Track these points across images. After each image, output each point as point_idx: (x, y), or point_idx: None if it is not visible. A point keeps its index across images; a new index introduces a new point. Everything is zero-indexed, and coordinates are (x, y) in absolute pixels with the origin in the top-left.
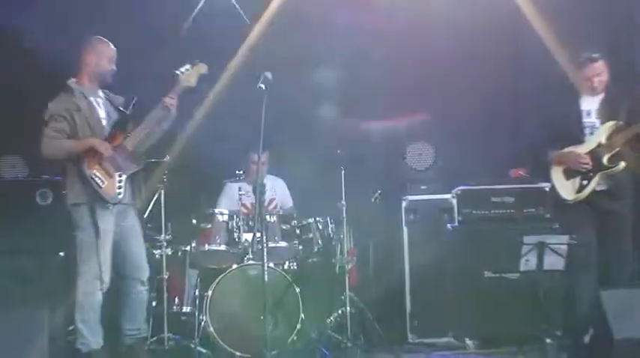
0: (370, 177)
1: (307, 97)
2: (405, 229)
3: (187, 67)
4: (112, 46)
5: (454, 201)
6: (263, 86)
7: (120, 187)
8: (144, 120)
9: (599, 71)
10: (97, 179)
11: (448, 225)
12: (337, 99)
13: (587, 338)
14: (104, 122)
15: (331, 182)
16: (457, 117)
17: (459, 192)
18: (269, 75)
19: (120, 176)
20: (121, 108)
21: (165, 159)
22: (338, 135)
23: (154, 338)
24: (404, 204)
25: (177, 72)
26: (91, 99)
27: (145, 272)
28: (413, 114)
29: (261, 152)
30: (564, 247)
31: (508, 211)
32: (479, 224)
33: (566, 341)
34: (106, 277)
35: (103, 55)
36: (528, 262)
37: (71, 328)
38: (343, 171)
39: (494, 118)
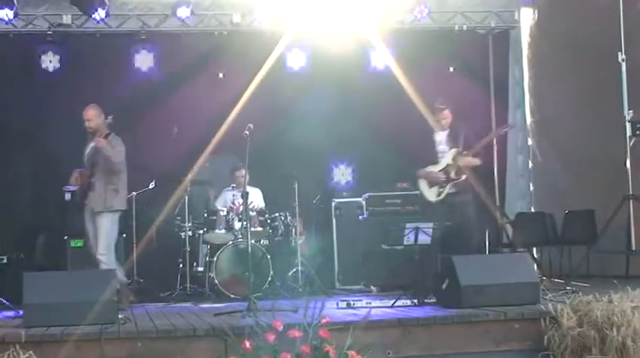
0: (313, 187)
1: (277, 140)
2: (333, 219)
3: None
4: (86, 112)
5: (364, 202)
6: (247, 132)
7: (83, 198)
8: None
9: (445, 116)
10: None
11: (360, 216)
12: (295, 140)
13: (444, 285)
14: (85, 159)
15: (290, 191)
16: (366, 150)
17: (367, 196)
18: (251, 126)
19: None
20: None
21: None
22: (293, 163)
23: (181, 287)
24: (333, 204)
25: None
26: (90, 144)
27: (95, 250)
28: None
29: (243, 170)
30: (430, 230)
31: (397, 208)
32: (379, 216)
33: (432, 286)
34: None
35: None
36: (409, 239)
37: (130, 281)
38: (296, 184)
39: (388, 151)
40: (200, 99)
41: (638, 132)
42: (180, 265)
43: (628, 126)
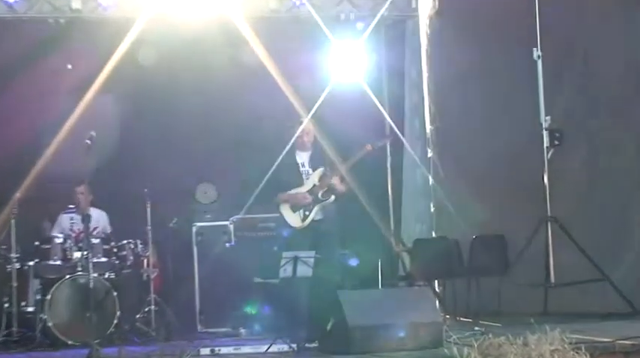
0: (169, 208)
1: (126, 150)
2: (194, 247)
3: None
4: None
5: (231, 227)
6: (89, 142)
7: None
8: None
9: (307, 131)
10: None
11: (227, 243)
12: (148, 150)
13: (329, 326)
14: None
15: (141, 213)
16: (235, 163)
17: (234, 219)
18: (94, 134)
19: None
20: None
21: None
22: (146, 178)
23: (7, 331)
24: (194, 229)
25: None
26: None
27: None
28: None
29: (83, 186)
30: (312, 260)
31: (271, 233)
32: (250, 243)
33: (314, 328)
34: None
35: None
36: (286, 271)
37: None
38: (149, 205)
39: (261, 164)
40: (34, 99)
41: (556, 142)
42: (6, 304)
43: (545, 134)
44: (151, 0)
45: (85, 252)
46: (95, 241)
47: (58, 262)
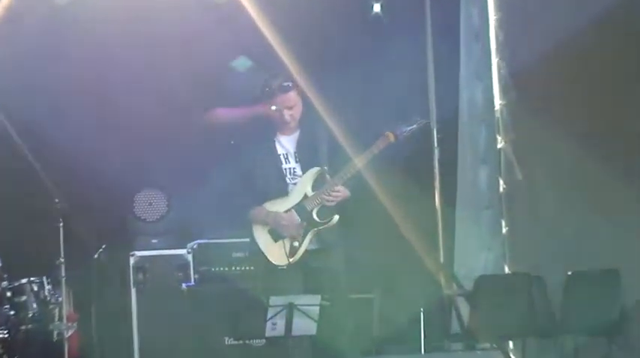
0: (93, 230)
1: (30, 137)
2: (133, 290)
3: None
4: None
5: (189, 257)
6: None
7: None
8: None
9: (292, 103)
10: None
11: (183, 284)
12: (64, 136)
13: None
14: None
15: (51, 236)
16: (196, 159)
17: (195, 246)
18: None
19: None
20: None
21: None
22: (56, 184)
23: None
24: (132, 260)
25: None
26: None
27: None
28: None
29: None
30: (316, 309)
31: (250, 268)
32: (218, 282)
33: None
34: None
35: None
36: (276, 327)
37: None
38: (62, 224)
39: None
40: None
41: None
42: None
43: None
44: None
45: None
46: None
47: None
